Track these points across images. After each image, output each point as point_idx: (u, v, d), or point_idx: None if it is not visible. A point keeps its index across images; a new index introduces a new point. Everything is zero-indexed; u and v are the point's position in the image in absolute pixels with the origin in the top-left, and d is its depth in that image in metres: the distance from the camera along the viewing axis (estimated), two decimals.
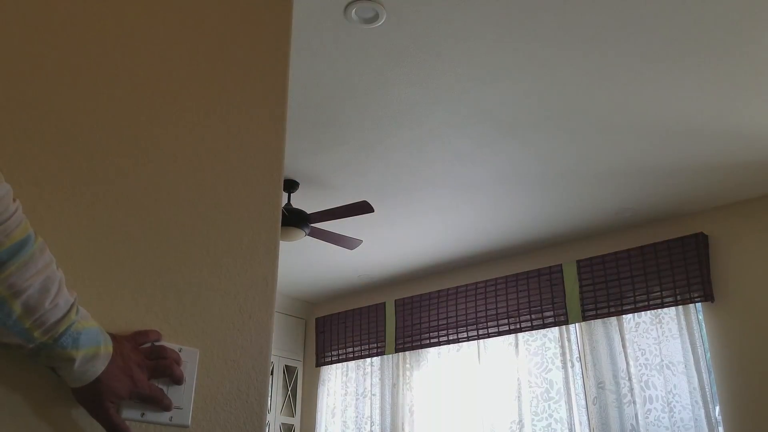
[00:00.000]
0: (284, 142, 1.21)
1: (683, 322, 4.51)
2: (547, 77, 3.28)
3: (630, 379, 4.59)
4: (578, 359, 4.91)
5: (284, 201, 4.37)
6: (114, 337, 0.84)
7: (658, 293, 4.63)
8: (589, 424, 4.72)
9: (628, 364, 4.63)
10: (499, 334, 5.31)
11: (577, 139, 3.82)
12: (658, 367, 4.53)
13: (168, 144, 1.03)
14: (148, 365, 0.88)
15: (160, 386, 0.89)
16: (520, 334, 5.23)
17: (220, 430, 0.98)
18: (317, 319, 6.55)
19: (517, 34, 2.98)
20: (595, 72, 3.24)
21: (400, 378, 5.80)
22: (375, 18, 2.85)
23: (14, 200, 0.70)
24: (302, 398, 6.45)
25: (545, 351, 5.09)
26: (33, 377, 0.81)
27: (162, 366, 0.90)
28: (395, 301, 6.03)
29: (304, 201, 4.58)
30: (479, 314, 5.46)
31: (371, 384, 5.98)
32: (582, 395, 4.81)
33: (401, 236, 5.13)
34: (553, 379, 4.97)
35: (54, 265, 0.75)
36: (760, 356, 4.23)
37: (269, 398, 6.09)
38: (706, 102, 3.47)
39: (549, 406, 4.93)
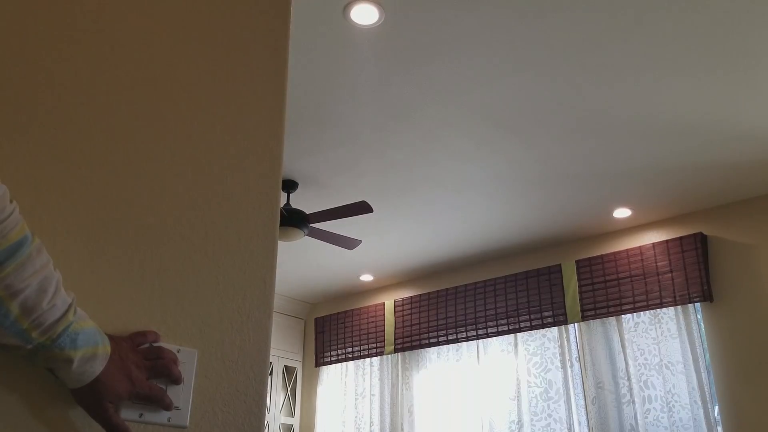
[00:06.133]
0: (283, 142, 1.21)
1: (682, 322, 4.52)
2: (547, 77, 3.28)
3: (629, 379, 4.60)
4: (577, 359, 4.91)
5: (283, 201, 4.37)
6: (112, 338, 0.84)
7: (657, 293, 4.64)
8: (588, 423, 4.72)
9: (627, 364, 4.64)
10: (499, 334, 5.31)
11: (576, 139, 3.82)
12: (657, 367, 4.53)
13: (166, 144, 1.03)
14: (146, 365, 0.88)
15: (160, 386, 0.89)
16: (519, 334, 5.24)
17: (219, 431, 0.98)
18: (316, 319, 6.55)
19: (516, 35, 2.98)
20: (595, 72, 3.24)
21: (400, 378, 5.80)
22: (374, 18, 2.85)
23: (11, 201, 0.70)
24: (301, 398, 6.46)
25: (544, 351, 5.09)
26: (31, 378, 0.81)
27: (160, 366, 0.90)
28: (394, 301, 6.03)
29: (304, 201, 4.58)
30: (478, 314, 5.46)
31: (370, 384, 5.98)
32: (581, 395, 4.82)
33: (400, 236, 5.13)
34: (552, 379, 4.98)
35: (51, 265, 0.75)
36: (759, 356, 4.24)
37: (269, 398, 6.09)
38: (705, 102, 3.47)
39: (548, 405, 4.94)
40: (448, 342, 5.58)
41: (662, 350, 4.54)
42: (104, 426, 0.82)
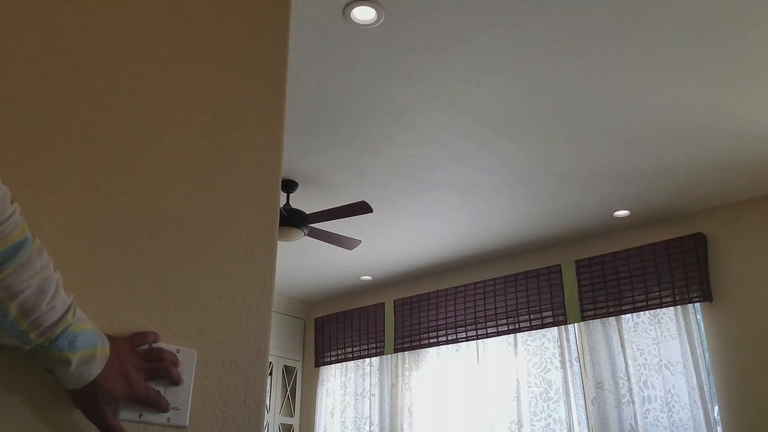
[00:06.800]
0: (282, 141, 1.21)
1: (682, 322, 4.52)
2: (546, 77, 3.28)
3: (629, 379, 4.60)
4: (577, 359, 4.91)
5: (283, 201, 4.37)
6: (112, 339, 0.84)
7: (657, 293, 4.64)
8: (587, 424, 4.72)
9: (626, 364, 4.64)
10: (498, 334, 5.31)
11: (576, 139, 3.82)
12: (656, 367, 4.53)
13: (165, 144, 1.03)
14: (145, 367, 0.88)
15: (158, 388, 0.89)
16: (519, 335, 5.24)
17: (218, 431, 0.98)
18: (316, 320, 6.55)
19: (516, 35, 2.98)
20: (594, 72, 3.24)
21: (399, 378, 5.80)
22: (374, 18, 2.85)
23: (12, 202, 0.70)
24: (301, 398, 6.46)
25: (544, 351, 5.09)
26: (31, 378, 0.81)
27: (160, 368, 0.90)
28: (394, 301, 6.03)
29: (303, 201, 4.58)
30: (478, 314, 5.46)
31: (370, 384, 5.98)
32: (581, 395, 4.82)
33: (400, 236, 5.13)
34: (552, 379, 4.98)
35: (51, 266, 0.75)
36: (759, 356, 4.24)
37: (268, 398, 6.09)
38: (704, 102, 3.47)
39: (548, 406, 4.94)
40: (447, 342, 5.58)
41: (662, 350, 4.54)
42: (101, 428, 0.82)
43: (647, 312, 4.68)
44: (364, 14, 2.83)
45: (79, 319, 0.79)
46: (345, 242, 4.58)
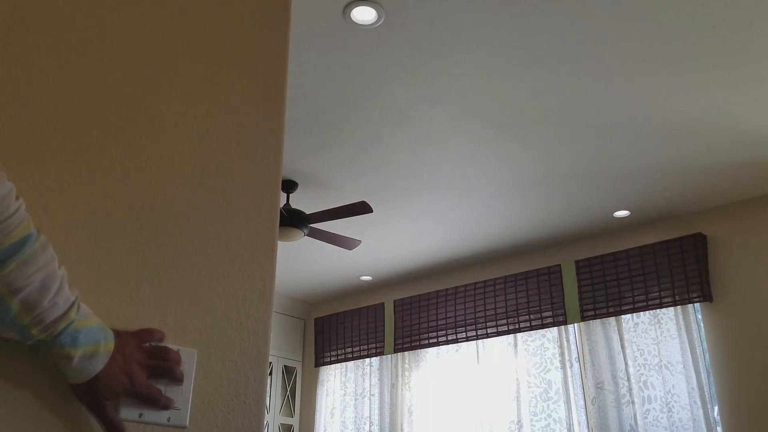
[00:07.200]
0: (282, 142, 1.21)
1: (682, 323, 4.52)
2: (546, 78, 3.28)
3: (629, 380, 4.60)
4: (577, 359, 4.91)
5: (283, 201, 4.38)
6: (118, 334, 0.84)
7: (657, 293, 4.64)
8: (587, 424, 4.72)
9: (626, 364, 4.64)
10: (498, 334, 5.31)
11: (575, 140, 3.82)
12: (656, 367, 4.53)
13: (166, 145, 1.04)
14: (149, 364, 0.88)
15: (159, 386, 0.90)
16: (519, 335, 5.24)
17: (218, 431, 0.98)
18: (316, 320, 6.55)
19: (516, 35, 2.98)
20: (594, 73, 3.24)
21: (399, 378, 5.80)
22: (374, 18, 2.85)
23: (17, 198, 0.70)
24: (301, 398, 6.46)
25: (544, 351, 5.09)
26: (35, 371, 0.81)
27: (163, 366, 0.90)
28: (394, 301, 6.03)
29: (303, 201, 4.58)
30: (478, 314, 5.46)
31: (370, 384, 5.98)
32: (581, 395, 4.82)
33: (400, 236, 5.13)
34: (552, 380, 4.98)
35: (56, 263, 0.75)
36: (759, 356, 4.24)
37: (268, 398, 6.09)
38: (704, 102, 3.47)
39: (548, 406, 4.94)
40: (447, 342, 5.58)
41: (662, 350, 4.54)
42: (101, 422, 0.83)
43: (647, 312, 4.69)
44: (364, 14, 2.83)
45: (83, 316, 0.79)
46: (345, 242, 4.58)
